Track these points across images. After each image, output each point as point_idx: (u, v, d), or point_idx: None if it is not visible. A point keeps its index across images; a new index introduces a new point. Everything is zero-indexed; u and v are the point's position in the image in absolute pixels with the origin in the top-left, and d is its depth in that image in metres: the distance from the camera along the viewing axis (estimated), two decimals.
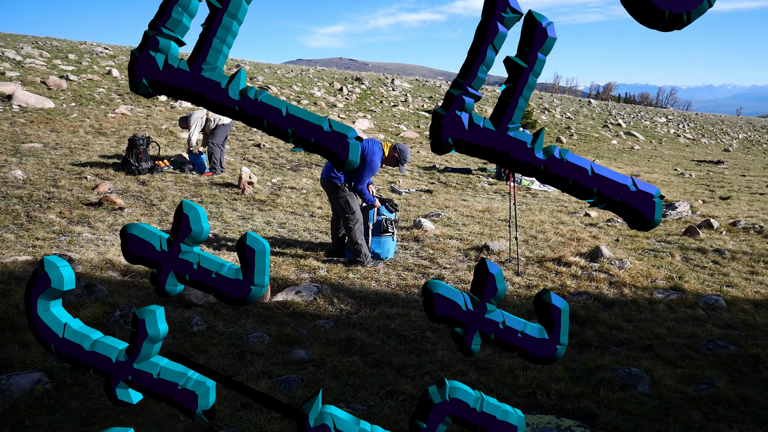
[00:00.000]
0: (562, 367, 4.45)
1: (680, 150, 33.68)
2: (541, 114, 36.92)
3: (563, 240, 8.29)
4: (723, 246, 8.76)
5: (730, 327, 5.62)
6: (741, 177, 19.98)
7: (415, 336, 5.05)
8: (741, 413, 4.05)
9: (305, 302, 5.63)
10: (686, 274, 7.16)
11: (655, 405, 4.03)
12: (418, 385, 4.16)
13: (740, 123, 57.64)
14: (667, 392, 4.21)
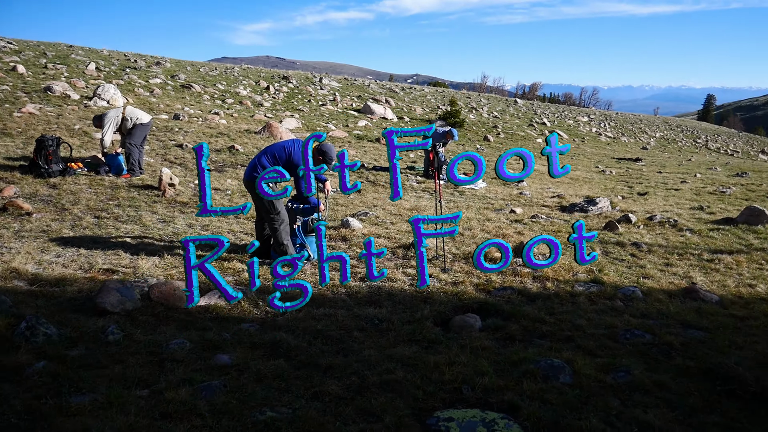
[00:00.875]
0: (487, 361, 4.51)
1: (602, 148, 35.02)
2: (468, 113, 37.59)
3: (489, 236, 8.43)
4: (640, 239, 9.13)
5: (646, 317, 5.84)
6: (658, 174, 20.93)
7: (342, 336, 5.00)
8: (656, 398, 4.21)
9: (229, 306, 5.48)
10: (606, 267, 7.42)
11: (576, 394, 4.13)
12: (344, 385, 4.11)
13: (657, 122, 60.63)
14: (587, 381, 4.33)
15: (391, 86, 48.20)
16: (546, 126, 39.52)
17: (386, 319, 5.39)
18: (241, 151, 14.75)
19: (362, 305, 5.73)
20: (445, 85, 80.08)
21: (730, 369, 4.55)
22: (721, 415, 4.07)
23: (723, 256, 8.55)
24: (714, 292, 6.75)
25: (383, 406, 3.82)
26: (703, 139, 54.91)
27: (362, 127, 24.71)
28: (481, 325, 5.35)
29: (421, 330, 5.14)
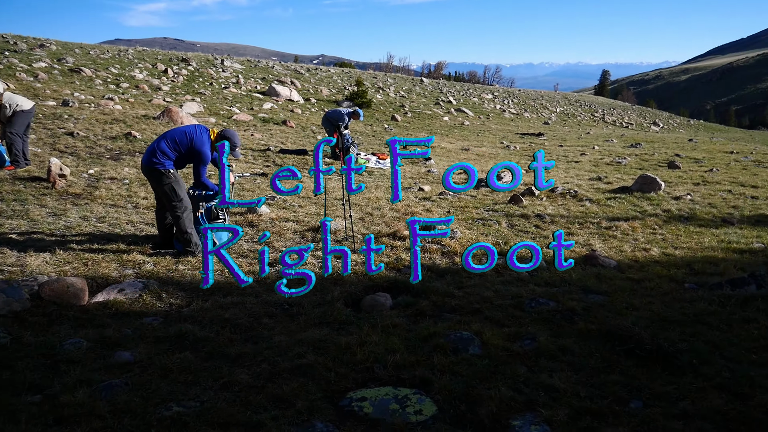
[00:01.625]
0: (398, 339, 4.52)
1: (506, 124, 36.09)
2: (375, 93, 37.64)
3: (398, 215, 8.47)
4: (543, 211, 9.47)
5: (550, 285, 6.06)
6: (559, 147, 21.80)
7: (251, 323, 4.87)
8: (560, 363, 4.37)
9: (130, 300, 5.21)
10: (511, 239, 7.64)
11: (485, 364, 4.22)
12: (254, 373, 4.00)
13: (557, 98, 63.06)
14: (495, 351, 4.43)
15: (297, 67, 47.48)
16: (452, 104, 40.23)
17: (296, 303, 5.30)
18: (139, 138, 14.06)
19: (272, 291, 5.60)
20: (352, 65, 79.80)
21: (627, 330, 4.79)
22: (621, 373, 4.27)
23: (620, 223, 9.01)
24: (612, 258, 7.10)
25: (295, 392, 3.76)
26: (600, 113, 57.70)
27: (268, 109, 24.20)
28: (392, 303, 5.36)
29: (331, 312, 5.09)
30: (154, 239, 6.89)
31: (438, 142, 20.65)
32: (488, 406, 3.70)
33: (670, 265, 6.98)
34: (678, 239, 8.31)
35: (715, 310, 5.58)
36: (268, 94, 28.39)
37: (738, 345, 4.86)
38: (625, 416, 3.73)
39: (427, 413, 3.65)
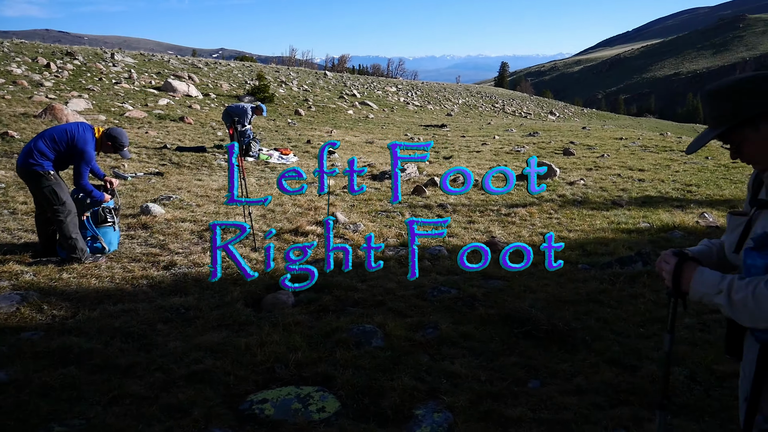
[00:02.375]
0: (300, 336, 4.42)
1: (410, 117, 36.53)
2: (278, 88, 37.04)
3: (301, 211, 8.34)
4: (446, 201, 9.62)
5: (452, 273, 6.14)
6: (461, 138, 22.27)
7: (144, 331, 4.61)
8: (462, 349, 4.43)
9: (5, 315, 4.79)
10: None
11: (388, 356, 4.21)
12: (147, 383, 3.78)
13: (460, 90, 64.52)
14: (398, 342, 4.43)
15: (194, 61, 45.91)
16: (356, 97, 40.26)
17: (193, 306, 5.07)
18: (18, 138, 13.05)
19: (166, 295, 5.34)
20: (253, 59, 78.13)
21: (525, 312, 4.93)
22: (520, 355, 4.39)
23: (518, 209, 9.30)
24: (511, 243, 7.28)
25: (191, 400, 3.59)
26: (501, 104, 59.61)
27: (164, 106, 23.22)
28: (294, 300, 5.25)
29: (231, 313, 4.92)
30: (35, 247, 6.40)
31: (342, 135, 20.59)
32: (391, 397, 3.69)
33: (564, 248, 7.24)
34: (572, 222, 8.67)
35: (606, 288, 5.85)
36: (163, 89, 27.24)
37: (627, 320, 5.13)
38: (524, 396, 3.83)
39: (330, 410, 3.59)
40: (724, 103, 1.97)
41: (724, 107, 1.97)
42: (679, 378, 4.15)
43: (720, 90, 2.00)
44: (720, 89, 2.01)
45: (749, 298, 1.83)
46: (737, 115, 1.94)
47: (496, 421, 3.52)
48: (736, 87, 1.96)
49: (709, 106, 2.04)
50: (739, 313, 1.87)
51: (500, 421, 3.52)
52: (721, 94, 1.99)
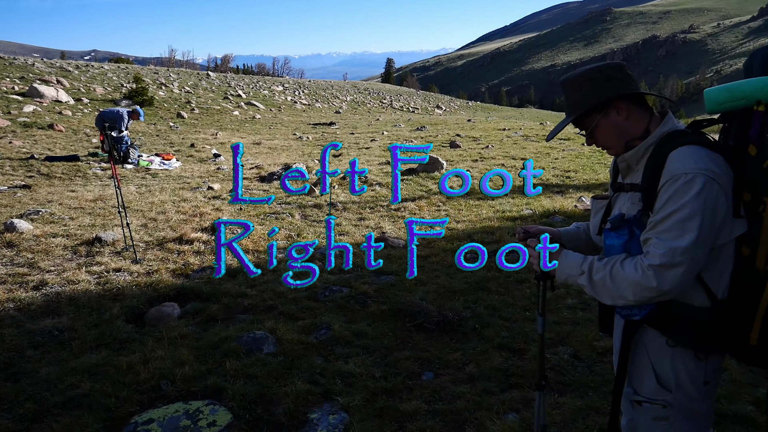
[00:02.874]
0: (187, 350, 4.23)
1: (298, 115, 36.16)
2: (158, 90, 35.38)
3: (185, 217, 7.99)
4: (336, 199, 9.57)
5: (343, 272, 6.11)
6: (351, 135, 22.33)
7: (12, 359, 4.23)
8: (356, 348, 4.41)
9: None
10: (304, 230, 7.60)
11: (280, 361, 4.11)
12: (16, 416, 3.47)
13: (347, 87, 64.59)
14: (291, 346, 4.35)
15: (63, 64, 42.96)
16: (242, 98, 39.32)
17: (68, 327, 4.71)
18: None
19: (37, 318, 4.93)
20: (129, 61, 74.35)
21: (416, 305, 4.99)
22: (413, 348, 4.43)
23: (407, 203, 9.44)
24: (401, 238, 7.37)
25: (68, 428, 3.33)
26: (388, 99, 60.36)
27: (29, 113, 21.56)
28: (180, 312, 5.01)
29: (110, 331, 4.62)
30: None
31: (229, 137, 20.03)
32: (285, 403, 3.61)
33: (453, 239, 7.43)
34: (460, 213, 8.90)
35: (494, 276, 6.05)
36: (29, 95, 25.25)
37: (514, 305, 5.32)
38: (418, 389, 3.87)
39: (221, 423, 3.46)
40: (576, 91, 2.08)
41: (576, 95, 2.07)
42: (564, 357, 4.34)
43: (573, 79, 2.10)
44: (573, 78, 2.10)
45: (607, 278, 1.94)
46: (588, 101, 2.04)
47: (391, 417, 3.53)
48: (587, 75, 2.06)
49: (565, 94, 2.14)
50: (600, 292, 1.98)
51: (396, 417, 3.54)
52: (574, 83, 2.09)
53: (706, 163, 1.83)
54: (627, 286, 1.89)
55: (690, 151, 1.87)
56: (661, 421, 2.03)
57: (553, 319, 5.04)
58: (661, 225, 1.86)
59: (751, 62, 2.04)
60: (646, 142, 2.01)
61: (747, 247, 1.90)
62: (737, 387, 3.96)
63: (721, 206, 1.83)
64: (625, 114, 2.04)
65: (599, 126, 2.07)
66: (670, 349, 1.99)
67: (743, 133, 1.93)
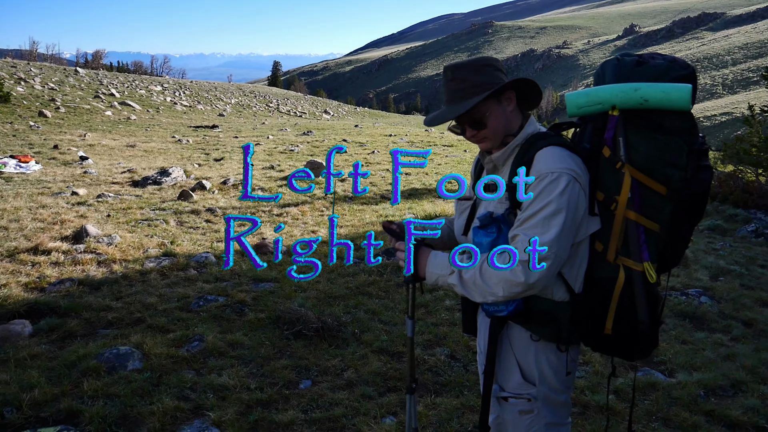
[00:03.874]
0: (38, 371, 3.83)
1: (178, 117, 34.68)
2: (15, 85, 32.34)
3: (43, 225, 7.30)
4: (215, 204, 9.21)
5: (220, 280, 5.85)
6: (234, 138, 21.68)
7: None
8: (230, 359, 4.21)
9: None
10: (179, 237, 7.21)
11: (146, 378, 3.84)
12: None
13: (232, 89, 62.84)
14: (159, 361, 4.07)
15: None
16: (115, 97, 37.12)
17: None
18: None
19: None
20: None
21: (295, 312, 4.86)
22: (290, 356, 4.31)
23: (290, 208, 9.25)
24: (283, 244, 7.19)
25: None
26: (275, 103, 59.45)
27: None
28: (32, 329, 4.54)
29: None
30: None
31: (99, 139, 18.77)
32: (150, 423, 3.37)
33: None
34: (343, 218, 8.86)
35: (375, 280, 6.04)
36: None
37: (393, 308, 5.32)
38: (295, 398, 3.76)
39: None
40: (475, 75, 2.04)
41: (477, 78, 2.03)
42: (441, 358, 4.40)
43: (468, 64, 2.07)
44: (467, 64, 2.07)
45: (477, 275, 1.97)
46: (491, 84, 2.02)
47: (266, 429, 3.42)
48: (480, 62, 2.06)
49: (457, 79, 2.07)
50: (470, 290, 2.00)
51: (271, 429, 3.42)
52: (471, 67, 2.06)
53: (570, 164, 1.94)
54: (496, 282, 1.93)
55: (555, 152, 1.96)
56: (526, 415, 2.10)
57: (431, 321, 5.10)
58: (528, 222, 1.92)
59: (602, 72, 2.14)
60: (514, 141, 2.08)
61: (600, 243, 2.03)
62: (599, 378, 4.17)
63: (581, 204, 1.95)
64: (512, 105, 2.09)
65: (493, 112, 2.06)
66: (534, 344, 2.07)
67: (599, 135, 2.04)
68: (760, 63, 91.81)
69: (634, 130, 1.97)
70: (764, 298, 6.28)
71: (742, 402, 3.93)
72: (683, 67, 2.00)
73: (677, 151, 1.93)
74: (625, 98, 1.95)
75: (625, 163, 1.96)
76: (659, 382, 4.16)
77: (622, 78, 2.02)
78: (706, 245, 8.79)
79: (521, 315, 2.03)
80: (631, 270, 1.99)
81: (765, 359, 4.63)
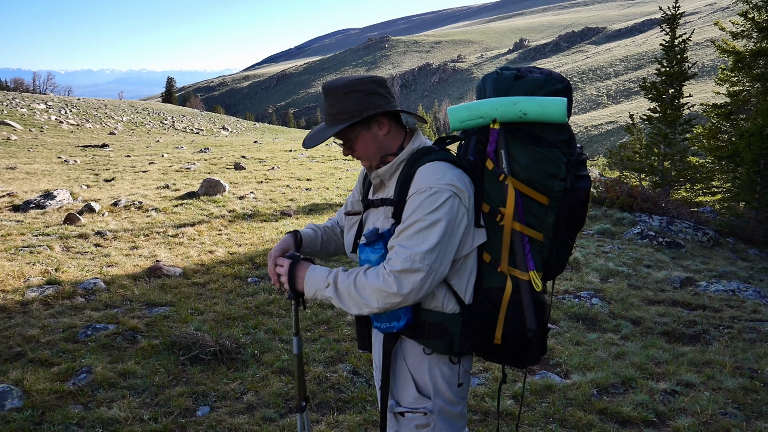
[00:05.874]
0: None
1: (64, 137, 32.83)
2: None
3: None
4: (105, 227, 8.78)
5: (110, 306, 5.58)
6: (126, 158, 20.76)
7: None
8: (122, 390, 4.03)
9: None
10: (65, 264, 6.81)
11: (27, 416, 3.60)
12: None
13: (123, 106, 60.11)
14: (42, 397, 3.82)
15: None
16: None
17: None
18: None
19: None
20: None
21: (191, 336, 4.71)
22: (187, 383, 4.17)
23: (186, 228, 8.97)
24: (178, 266, 6.97)
25: None
26: (170, 120, 57.46)
27: None
28: None
29: None
30: None
31: None
32: None
33: (234, 263, 7.21)
34: (242, 236, 8.69)
35: (275, 299, 5.97)
36: None
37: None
38: (192, 426, 3.65)
39: None
40: (341, 101, 2.04)
41: (341, 104, 2.04)
42: (343, 374, 4.40)
43: (337, 88, 2.06)
44: (337, 87, 2.06)
45: (351, 287, 1.95)
46: (353, 114, 2.03)
47: None
48: (352, 86, 2.05)
49: (327, 102, 2.09)
50: (346, 301, 1.98)
51: None
52: (338, 93, 2.05)
53: (450, 179, 1.95)
54: (371, 293, 1.92)
55: (435, 167, 1.99)
56: (423, 429, 2.10)
57: (333, 337, 5.10)
58: (404, 233, 1.94)
59: (483, 85, 2.19)
60: (399, 158, 2.10)
61: (488, 254, 2.06)
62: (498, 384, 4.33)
63: (462, 219, 1.96)
64: (386, 129, 2.10)
65: (360, 138, 2.09)
66: (427, 357, 2.08)
67: (482, 148, 2.07)
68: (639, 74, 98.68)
69: (514, 142, 2.00)
70: (650, 296, 6.75)
71: (632, 398, 4.19)
72: (559, 81, 2.05)
73: (557, 163, 1.98)
74: (505, 111, 1.99)
75: (507, 176, 1.99)
76: (555, 384, 4.35)
77: (501, 92, 2.06)
78: (597, 248, 9.34)
79: (413, 329, 2.04)
80: (518, 279, 2.03)
81: (652, 355, 4.97)
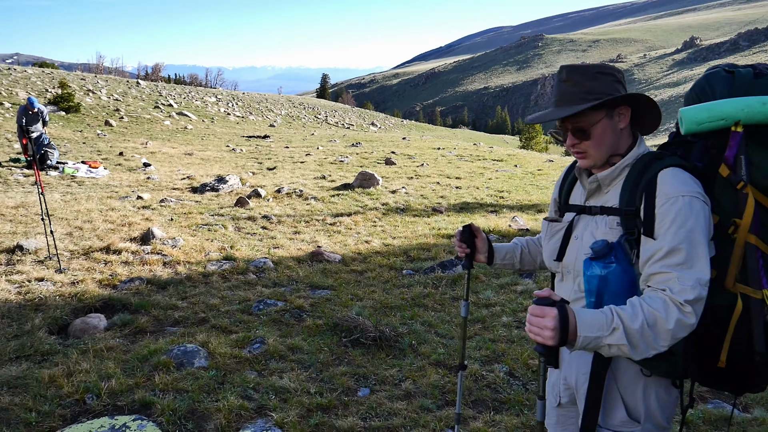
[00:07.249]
0: (114, 362, 4.06)
1: (231, 127, 35.57)
2: (85, 96, 34.10)
3: (113, 227, 7.69)
4: (270, 212, 9.46)
5: (278, 285, 6.03)
6: (285, 149, 22.11)
7: None
8: (290, 362, 4.34)
9: None
10: (238, 243, 7.45)
11: (212, 375, 4.01)
12: None
13: (282, 101, 64.02)
14: (223, 360, 4.24)
15: None
16: (173, 108, 38.38)
17: None
18: None
19: None
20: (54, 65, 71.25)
21: (352, 320, 4.97)
22: (349, 363, 4.40)
23: (343, 218, 9.42)
24: (337, 252, 7.35)
25: None
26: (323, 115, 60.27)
27: None
28: (107, 323, 4.81)
29: (32, 343, 4.38)
30: None
31: (159, 147, 19.48)
32: (216, 419, 3.51)
33: (389, 254, 7.47)
34: (396, 229, 8.96)
35: (430, 292, 6.10)
36: None
37: (450, 321, 5.36)
38: (354, 405, 3.83)
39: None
40: (591, 81, 1.87)
41: (591, 85, 1.86)
42: (499, 375, 4.39)
43: (585, 69, 1.90)
44: (585, 68, 1.91)
45: (645, 326, 1.64)
46: (604, 94, 1.86)
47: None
48: (600, 70, 1.89)
49: (570, 81, 1.89)
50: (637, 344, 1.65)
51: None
52: (587, 72, 1.89)
53: (696, 186, 1.77)
54: (666, 330, 1.64)
55: (679, 173, 1.79)
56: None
57: (489, 336, 5.12)
58: (677, 256, 1.71)
59: (709, 86, 1.96)
60: (624, 161, 1.91)
61: (713, 269, 1.80)
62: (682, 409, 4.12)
63: (712, 229, 1.79)
64: (624, 123, 1.91)
65: (600, 124, 1.89)
66: (643, 379, 1.89)
67: (716, 154, 1.87)
68: None
69: (757, 147, 1.80)
70: None
71: None
72: None
73: None
74: (752, 113, 1.77)
75: (747, 184, 1.78)
76: (733, 417, 4.02)
77: (741, 92, 1.84)
78: None
79: None
80: (748, 298, 1.80)
81: None
